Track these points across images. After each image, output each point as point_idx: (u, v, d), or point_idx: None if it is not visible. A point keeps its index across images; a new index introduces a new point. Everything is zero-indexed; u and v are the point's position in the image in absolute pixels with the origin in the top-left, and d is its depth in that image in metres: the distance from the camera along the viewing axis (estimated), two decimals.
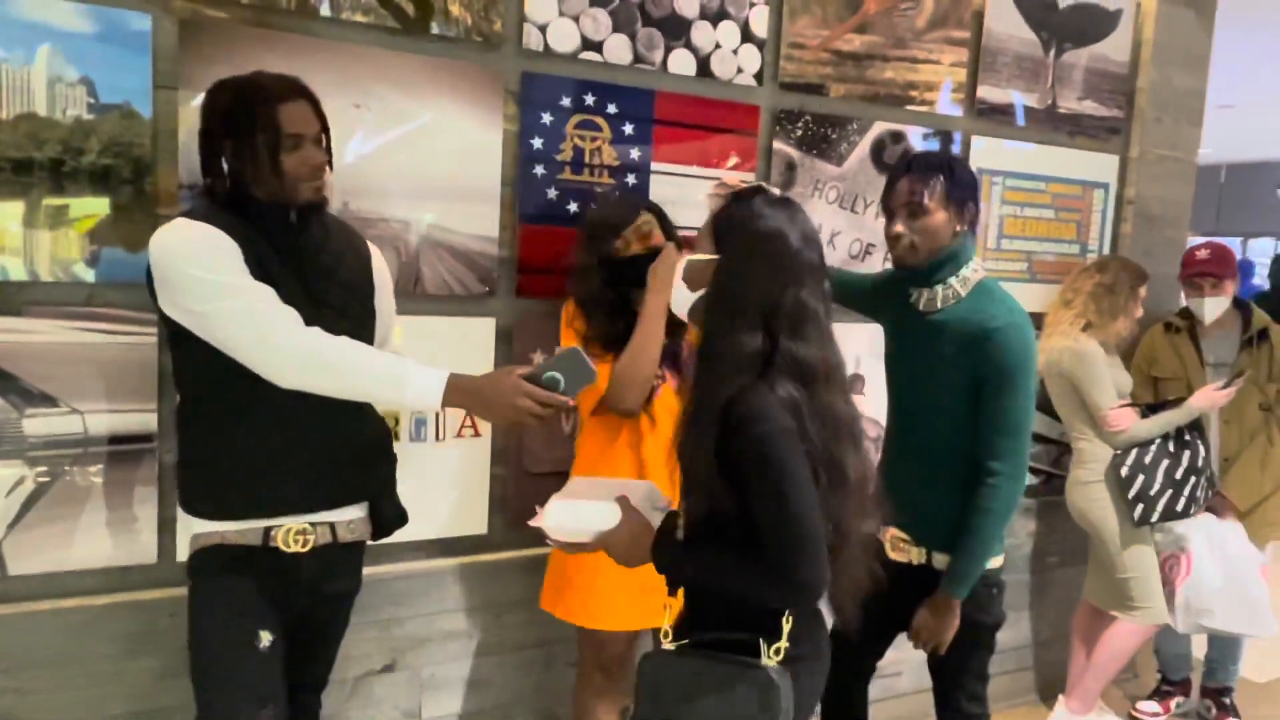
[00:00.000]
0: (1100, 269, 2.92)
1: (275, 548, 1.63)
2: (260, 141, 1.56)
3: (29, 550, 1.85)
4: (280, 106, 1.57)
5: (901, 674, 2.95)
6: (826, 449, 1.38)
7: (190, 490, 1.65)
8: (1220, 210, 11.80)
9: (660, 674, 1.45)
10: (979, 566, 1.93)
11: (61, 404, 1.85)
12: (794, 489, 1.32)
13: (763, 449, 1.33)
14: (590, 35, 2.28)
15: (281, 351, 1.51)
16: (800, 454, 1.34)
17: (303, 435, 1.63)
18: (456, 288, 2.21)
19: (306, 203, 1.63)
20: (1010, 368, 1.89)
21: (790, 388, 1.36)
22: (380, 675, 2.23)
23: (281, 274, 1.58)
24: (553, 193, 2.29)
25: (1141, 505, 2.82)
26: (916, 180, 1.93)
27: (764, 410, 1.33)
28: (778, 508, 1.32)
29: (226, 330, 1.52)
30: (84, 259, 1.85)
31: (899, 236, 1.96)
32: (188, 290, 1.52)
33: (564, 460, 2.38)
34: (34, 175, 1.79)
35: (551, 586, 2.17)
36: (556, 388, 1.55)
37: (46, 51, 1.77)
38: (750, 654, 1.39)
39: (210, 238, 1.53)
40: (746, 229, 1.42)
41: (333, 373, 1.53)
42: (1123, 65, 3.19)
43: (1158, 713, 3.26)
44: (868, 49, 2.69)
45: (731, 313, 1.40)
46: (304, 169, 1.60)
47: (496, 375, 1.56)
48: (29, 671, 1.85)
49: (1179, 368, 3.08)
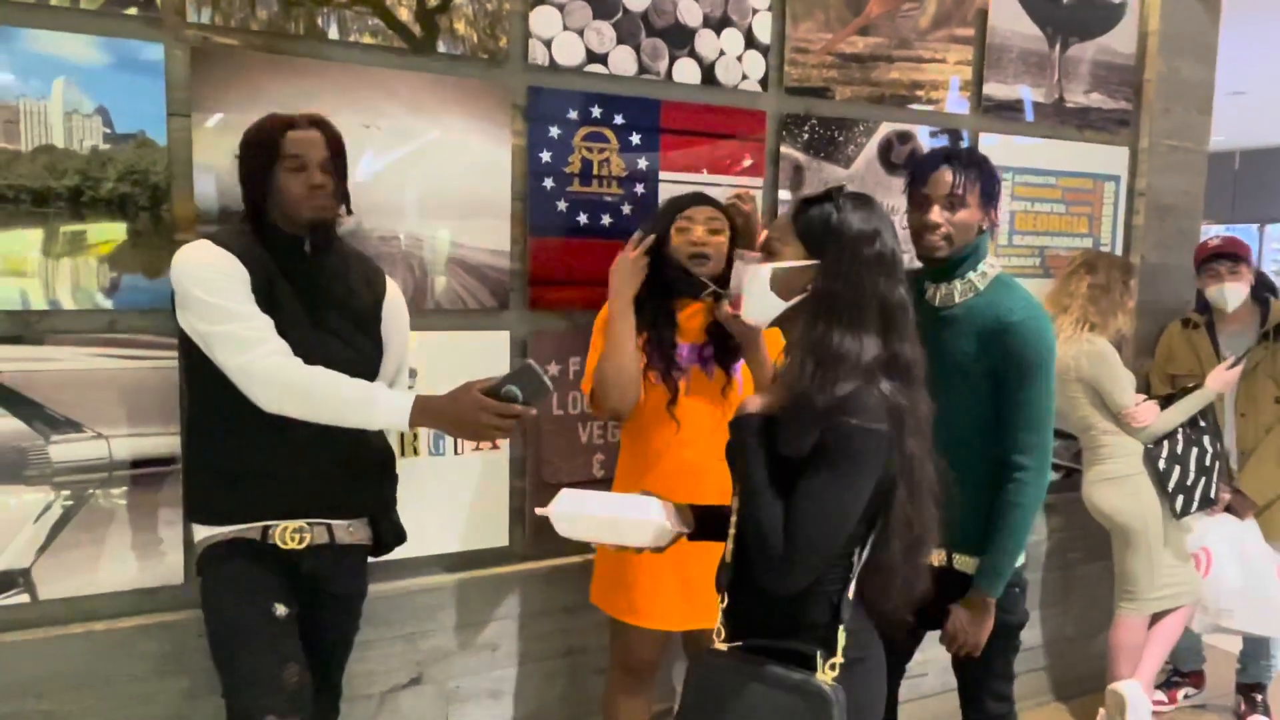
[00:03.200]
0: (1089, 269, 2.89)
1: (273, 544, 1.70)
2: (262, 164, 1.67)
3: (58, 574, 1.88)
4: (288, 132, 1.68)
5: (927, 674, 2.94)
6: (916, 456, 1.39)
7: (194, 498, 1.74)
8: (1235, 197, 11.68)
9: (711, 676, 1.43)
10: (1013, 562, 1.92)
11: (86, 429, 1.88)
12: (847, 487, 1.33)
13: (845, 440, 1.33)
14: (595, 48, 2.30)
15: (259, 381, 1.60)
16: (877, 461, 1.34)
17: (304, 450, 1.69)
18: (470, 302, 2.23)
19: (310, 222, 1.70)
20: (1031, 361, 1.88)
21: (895, 391, 1.37)
22: (407, 689, 2.24)
23: (289, 300, 1.66)
24: (562, 205, 2.30)
25: (1182, 497, 2.83)
26: (959, 172, 1.92)
27: (867, 409, 1.34)
28: (819, 504, 1.33)
29: (218, 351, 1.61)
30: (104, 286, 1.88)
31: (936, 226, 1.93)
32: (193, 309, 1.61)
33: (581, 470, 2.39)
34: (53, 205, 1.82)
35: (601, 582, 2.17)
36: (515, 400, 1.60)
37: (62, 84, 1.80)
38: (804, 665, 1.38)
39: (220, 262, 1.62)
40: (845, 231, 1.41)
41: (306, 401, 1.61)
42: (1129, 57, 3.18)
43: (1163, 701, 3.25)
44: (872, 50, 2.70)
45: (849, 317, 1.39)
46: (303, 189, 1.68)
47: (457, 393, 1.62)
48: (62, 694, 1.88)
49: (1196, 364, 3.07)
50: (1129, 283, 2.90)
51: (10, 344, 1.81)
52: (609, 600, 2.13)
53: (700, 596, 1.88)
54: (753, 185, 2.54)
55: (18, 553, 1.85)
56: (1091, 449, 2.94)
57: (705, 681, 1.44)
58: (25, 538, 1.85)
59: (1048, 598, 3.25)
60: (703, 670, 1.45)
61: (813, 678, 1.36)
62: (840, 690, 1.35)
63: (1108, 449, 2.89)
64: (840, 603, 1.40)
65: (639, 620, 2.08)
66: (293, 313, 1.67)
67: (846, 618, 1.40)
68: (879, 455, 1.35)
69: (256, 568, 1.69)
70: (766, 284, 1.46)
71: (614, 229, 2.34)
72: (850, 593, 1.41)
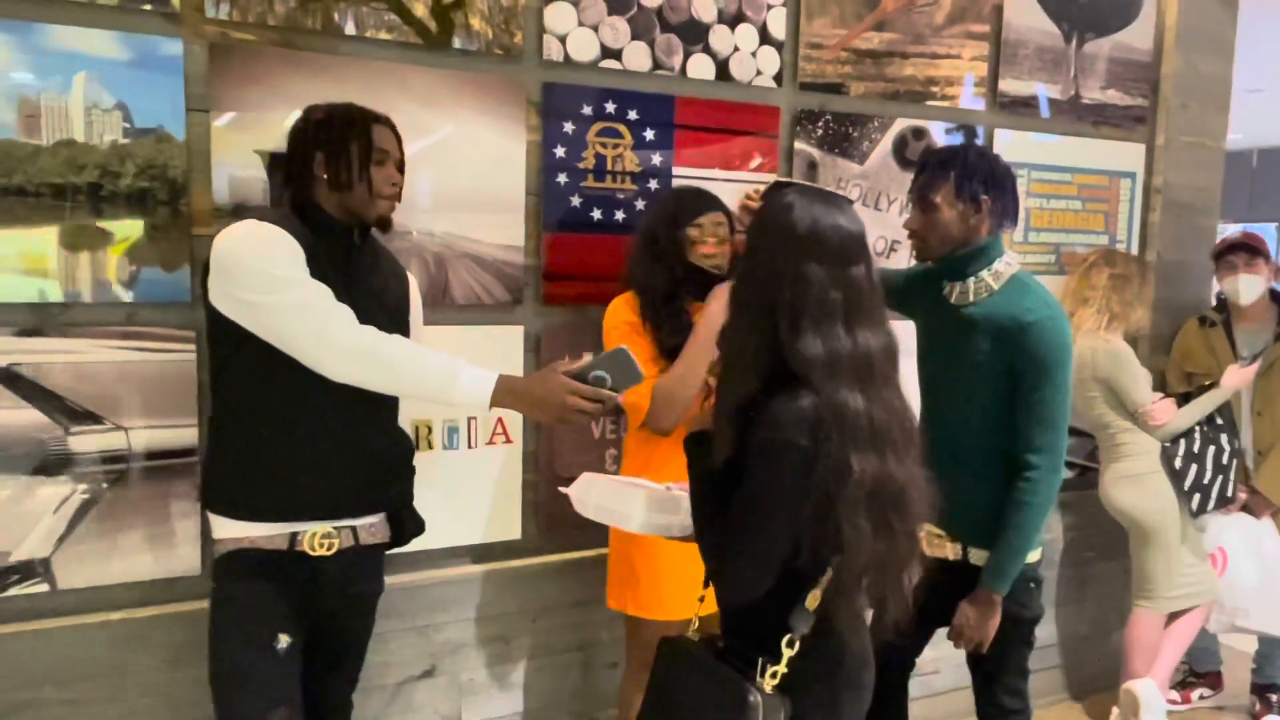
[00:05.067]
0: (1108, 262, 2.88)
1: (301, 551, 1.67)
2: (354, 150, 1.65)
3: (77, 565, 1.90)
4: (373, 125, 1.68)
5: (940, 672, 2.93)
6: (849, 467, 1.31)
7: (220, 490, 1.69)
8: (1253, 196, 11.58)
9: (670, 662, 1.51)
10: (1020, 561, 1.92)
11: (106, 421, 1.90)
12: (759, 509, 1.33)
13: (764, 454, 1.33)
14: (609, 44, 2.31)
15: (337, 345, 1.54)
16: (793, 474, 1.31)
17: (335, 445, 1.67)
18: (485, 297, 2.24)
19: (379, 219, 1.71)
20: (1047, 360, 1.88)
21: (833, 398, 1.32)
22: (420, 681, 2.25)
23: (336, 288, 1.62)
24: (576, 200, 2.31)
25: (1199, 495, 2.82)
26: (926, 176, 1.97)
27: (779, 421, 1.31)
28: (741, 518, 1.35)
29: (284, 322, 1.55)
30: (122, 280, 1.89)
31: (910, 230, 2.02)
32: (248, 281, 1.55)
33: (594, 465, 2.40)
34: (73, 199, 1.84)
35: (617, 585, 2.16)
36: (604, 386, 1.56)
37: (83, 79, 1.82)
38: (751, 667, 1.40)
39: (276, 234, 1.59)
40: (767, 225, 1.43)
41: (386, 368, 1.56)
42: (1146, 53, 3.16)
43: (1177, 701, 3.23)
44: (887, 46, 2.69)
45: (750, 313, 1.40)
46: (386, 185, 1.69)
47: (544, 374, 1.59)
48: (81, 683, 1.90)
49: (1213, 362, 3.05)
50: (1146, 275, 2.89)
51: (31, 336, 1.83)
52: (624, 598, 2.13)
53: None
54: (766, 181, 2.54)
55: (38, 542, 1.87)
56: (1109, 447, 2.93)
57: (666, 668, 1.51)
58: (45, 528, 1.87)
59: (1062, 595, 3.24)
60: (665, 655, 1.52)
61: (742, 680, 1.37)
62: (778, 699, 1.36)
63: (1125, 447, 2.88)
64: (792, 614, 1.38)
65: (656, 614, 2.08)
66: (340, 300, 1.62)
67: (797, 629, 1.38)
68: (791, 468, 1.30)
69: (272, 588, 1.66)
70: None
71: (628, 224, 2.34)
72: (809, 603, 1.39)
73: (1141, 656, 2.90)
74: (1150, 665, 2.90)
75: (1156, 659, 2.91)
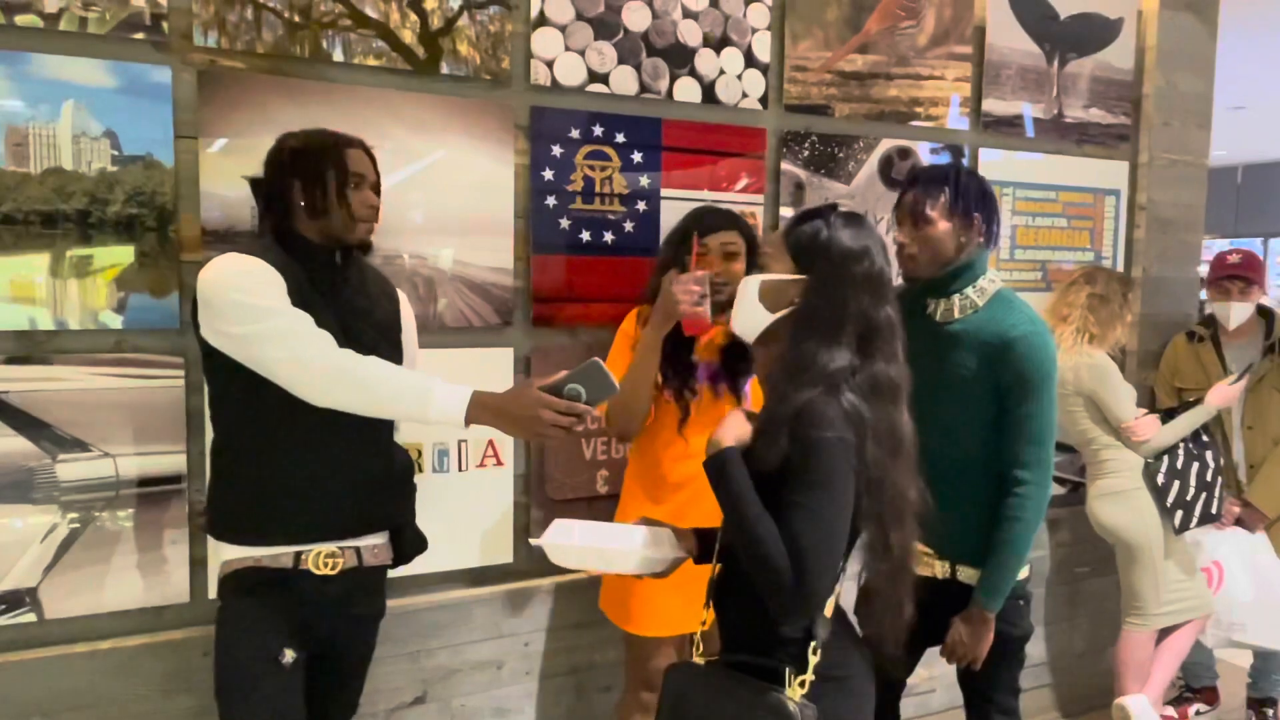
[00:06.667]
0: (1089, 280, 2.88)
1: (306, 570, 1.68)
2: (330, 176, 1.67)
3: (65, 594, 1.89)
4: (347, 150, 1.70)
5: (935, 691, 2.93)
6: (881, 469, 1.38)
7: (225, 518, 1.69)
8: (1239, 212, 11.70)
9: (684, 687, 1.46)
10: (1013, 577, 1.92)
11: (93, 449, 1.89)
12: (831, 500, 1.33)
13: (813, 454, 1.33)
14: (596, 68, 2.33)
15: (313, 370, 1.56)
16: (848, 469, 1.34)
17: (336, 466, 1.68)
18: (474, 319, 2.24)
19: (359, 242, 1.73)
20: (1033, 376, 1.89)
21: (858, 401, 1.37)
22: (411, 707, 2.24)
23: (321, 310, 1.64)
24: (565, 223, 2.32)
25: (1181, 512, 2.81)
26: (920, 191, 1.97)
27: (827, 418, 1.34)
28: (811, 513, 1.32)
29: (264, 351, 1.57)
30: (111, 306, 1.89)
31: (901, 246, 2.00)
32: (229, 314, 1.58)
33: (586, 486, 2.39)
34: (61, 227, 1.84)
35: (616, 604, 2.15)
36: (578, 399, 1.56)
37: (71, 107, 1.83)
38: (777, 682, 1.38)
39: (255, 266, 1.61)
40: (833, 248, 1.43)
41: (362, 388, 1.57)
42: (1127, 72, 3.20)
43: (1173, 717, 3.22)
44: (871, 68, 2.72)
45: (826, 330, 1.40)
46: (364, 209, 1.71)
47: (518, 389, 1.59)
48: (69, 714, 1.88)
49: (1202, 378, 3.06)
50: (1128, 295, 2.90)
51: (18, 364, 1.83)
52: (619, 613, 2.13)
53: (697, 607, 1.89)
54: (754, 202, 2.56)
55: (25, 572, 1.85)
56: (1093, 463, 2.93)
57: (678, 692, 1.46)
58: (32, 557, 1.86)
59: (1054, 613, 3.24)
60: (677, 682, 1.47)
61: (776, 692, 1.36)
62: (809, 707, 1.35)
63: (1109, 463, 2.88)
64: (814, 620, 1.39)
65: (651, 630, 2.08)
66: (325, 323, 1.64)
67: (821, 635, 1.39)
68: (845, 463, 1.34)
69: (277, 603, 1.66)
70: (755, 295, 1.48)
71: (616, 246, 2.36)
72: (828, 610, 1.41)
73: (1133, 674, 2.89)
74: (1142, 682, 2.89)
75: (1149, 676, 2.91)
